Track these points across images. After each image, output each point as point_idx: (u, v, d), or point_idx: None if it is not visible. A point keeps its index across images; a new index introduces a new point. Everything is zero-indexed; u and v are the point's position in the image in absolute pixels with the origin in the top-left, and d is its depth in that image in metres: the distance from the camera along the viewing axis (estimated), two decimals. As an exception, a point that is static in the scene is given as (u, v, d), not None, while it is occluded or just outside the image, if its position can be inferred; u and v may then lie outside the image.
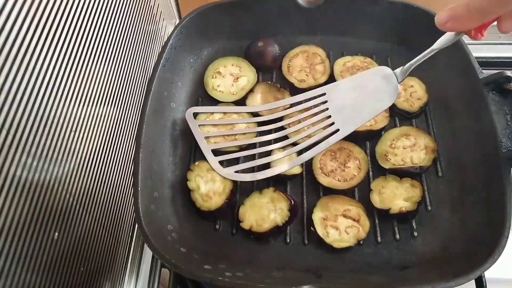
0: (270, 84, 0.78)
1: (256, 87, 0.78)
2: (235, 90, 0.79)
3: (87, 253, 0.70)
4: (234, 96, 0.78)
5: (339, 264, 0.63)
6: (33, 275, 0.55)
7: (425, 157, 0.70)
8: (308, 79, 0.79)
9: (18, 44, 0.49)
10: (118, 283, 0.83)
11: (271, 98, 0.78)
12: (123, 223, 0.86)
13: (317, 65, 0.81)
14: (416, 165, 0.69)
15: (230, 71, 0.81)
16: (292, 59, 0.82)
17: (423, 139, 0.71)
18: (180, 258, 0.60)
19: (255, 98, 0.78)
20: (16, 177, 0.51)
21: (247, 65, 0.81)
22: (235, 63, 0.82)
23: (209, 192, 0.68)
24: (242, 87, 0.79)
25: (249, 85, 0.79)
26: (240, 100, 0.78)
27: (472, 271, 0.54)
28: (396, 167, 0.69)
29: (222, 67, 0.81)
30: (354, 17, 0.82)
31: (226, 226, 0.68)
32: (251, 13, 0.83)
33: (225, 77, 0.80)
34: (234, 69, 0.81)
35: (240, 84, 0.79)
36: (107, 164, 0.76)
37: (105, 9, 0.71)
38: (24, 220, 0.53)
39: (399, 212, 0.65)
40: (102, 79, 0.71)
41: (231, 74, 0.81)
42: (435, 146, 0.70)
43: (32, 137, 0.53)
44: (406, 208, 0.65)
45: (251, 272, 0.60)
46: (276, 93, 0.78)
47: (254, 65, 0.82)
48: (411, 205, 0.65)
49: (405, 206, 0.65)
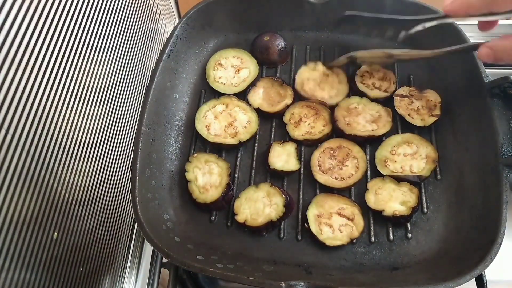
0: (273, 80, 0.78)
1: (259, 82, 0.78)
2: (237, 82, 0.79)
3: (86, 253, 0.71)
4: (236, 88, 0.78)
5: (330, 262, 0.64)
6: (32, 274, 0.56)
7: (425, 167, 0.69)
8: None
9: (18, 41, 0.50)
10: (117, 283, 0.85)
11: (273, 94, 0.78)
12: (123, 222, 0.87)
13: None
14: (415, 174, 0.68)
15: (231, 63, 0.81)
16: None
17: (425, 148, 0.70)
18: (174, 247, 0.61)
19: (257, 92, 0.78)
20: (16, 176, 0.52)
21: (248, 57, 0.81)
22: (237, 54, 0.82)
23: (206, 184, 0.69)
24: (243, 79, 0.79)
25: (250, 77, 0.79)
26: (241, 92, 0.78)
27: (462, 275, 0.54)
28: (394, 174, 0.68)
29: (224, 58, 0.81)
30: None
31: (222, 218, 0.69)
32: (258, 6, 0.83)
33: (226, 69, 0.80)
34: (236, 60, 0.81)
35: (242, 75, 0.80)
36: (107, 163, 0.77)
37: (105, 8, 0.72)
38: (23, 220, 0.54)
39: (392, 215, 0.65)
40: (101, 77, 0.72)
41: (232, 65, 0.81)
42: (437, 156, 0.69)
43: (31, 136, 0.54)
44: (400, 212, 0.65)
45: (242, 265, 0.61)
46: (278, 89, 0.78)
47: (259, 58, 0.82)
48: (406, 210, 0.65)
49: (399, 210, 0.65)
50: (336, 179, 0.69)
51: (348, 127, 0.72)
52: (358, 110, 0.74)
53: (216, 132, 0.73)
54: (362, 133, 0.72)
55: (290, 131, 0.74)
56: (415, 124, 0.72)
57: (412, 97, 0.75)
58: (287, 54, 0.83)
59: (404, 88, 0.77)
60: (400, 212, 0.65)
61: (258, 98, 0.77)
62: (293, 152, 0.72)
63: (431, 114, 0.73)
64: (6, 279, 0.51)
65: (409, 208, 0.65)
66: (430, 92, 0.75)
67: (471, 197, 0.65)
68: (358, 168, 0.70)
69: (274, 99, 0.77)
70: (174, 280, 0.67)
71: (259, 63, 0.82)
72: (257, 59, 0.82)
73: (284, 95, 0.77)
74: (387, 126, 0.72)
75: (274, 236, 0.67)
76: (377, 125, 0.73)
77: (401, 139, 0.72)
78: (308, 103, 0.76)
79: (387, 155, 0.71)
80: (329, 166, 0.70)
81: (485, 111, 0.66)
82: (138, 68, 0.88)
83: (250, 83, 0.79)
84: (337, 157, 0.71)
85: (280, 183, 0.71)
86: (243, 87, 0.78)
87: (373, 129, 0.72)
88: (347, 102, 0.75)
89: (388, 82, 0.78)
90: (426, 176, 0.68)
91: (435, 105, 0.74)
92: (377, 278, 0.60)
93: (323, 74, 0.79)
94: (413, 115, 0.74)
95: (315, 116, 0.75)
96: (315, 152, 0.72)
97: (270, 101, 0.77)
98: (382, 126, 0.73)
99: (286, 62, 0.83)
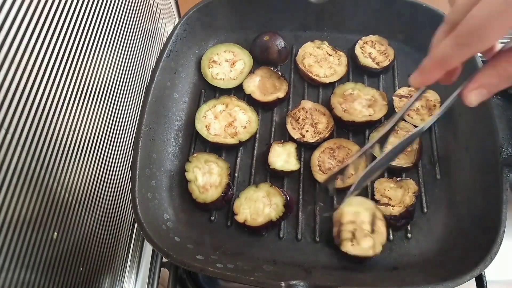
0: (271, 71, 0.79)
1: (257, 70, 0.79)
2: (235, 75, 0.79)
3: (86, 253, 0.71)
4: (236, 81, 0.79)
5: (330, 261, 0.64)
6: (32, 274, 0.56)
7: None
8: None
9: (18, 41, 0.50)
10: (117, 283, 0.84)
11: (268, 84, 0.78)
12: (123, 222, 0.87)
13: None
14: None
15: (224, 58, 0.81)
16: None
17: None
18: (173, 247, 0.61)
19: (253, 79, 0.78)
20: (16, 176, 0.51)
21: (239, 49, 0.82)
22: (227, 49, 0.82)
23: (206, 184, 0.69)
24: (240, 71, 0.80)
25: (247, 67, 0.80)
26: (242, 84, 0.79)
27: (462, 275, 0.54)
28: None
29: (216, 55, 0.81)
30: (362, 14, 0.82)
31: (221, 217, 0.69)
32: (258, 6, 0.83)
33: (221, 64, 0.81)
34: (228, 55, 0.81)
35: (238, 68, 0.80)
36: (107, 163, 0.77)
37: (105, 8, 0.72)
38: (23, 220, 0.54)
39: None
40: (101, 77, 0.72)
41: (226, 60, 0.81)
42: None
43: (31, 136, 0.54)
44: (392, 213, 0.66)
45: (242, 265, 0.61)
46: (275, 81, 0.78)
47: (259, 58, 0.82)
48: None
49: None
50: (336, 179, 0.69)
51: (346, 114, 0.73)
52: (354, 96, 0.75)
53: (216, 132, 0.73)
54: (360, 118, 0.72)
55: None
56: (415, 124, 0.72)
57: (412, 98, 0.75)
58: (287, 54, 0.83)
59: (404, 88, 0.77)
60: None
61: (253, 85, 0.78)
62: (293, 152, 0.72)
63: (430, 114, 0.73)
64: (6, 279, 0.51)
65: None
66: (430, 92, 0.75)
67: (471, 197, 0.65)
68: (358, 168, 0.69)
69: (268, 90, 0.78)
70: (174, 280, 0.67)
71: (259, 62, 0.82)
72: (257, 59, 0.82)
73: (279, 88, 0.77)
74: (384, 110, 0.73)
75: (274, 236, 0.67)
76: (373, 109, 0.74)
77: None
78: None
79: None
80: (329, 166, 0.70)
81: (485, 111, 0.66)
82: (138, 68, 0.88)
83: (248, 74, 0.79)
84: (337, 157, 0.71)
85: (280, 183, 0.71)
86: (242, 79, 0.79)
87: (370, 114, 0.73)
88: (342, 88, 0.76)
89: (385, 57, 0.79)
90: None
91: (434, 105, 0.74)
92: (377, 278, 0.60)
93: (326, 53, 0.81)
94: (412, 115, 0.74)
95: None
96: (315, 152, 0.72)
97: (263, 90, 0.78)
98: (379, 110, 0.74)
99: (286, 62, 0.83)
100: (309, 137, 0.73)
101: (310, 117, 0.75)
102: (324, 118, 0.75)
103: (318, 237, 0.66)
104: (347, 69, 0.80)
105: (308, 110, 0.75)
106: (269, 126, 0.76)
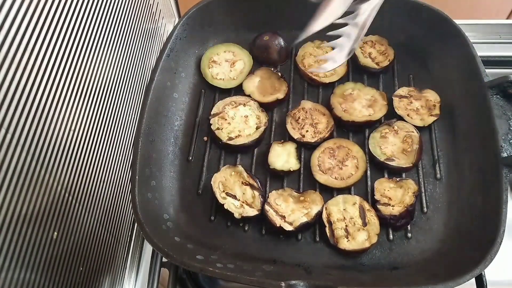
0: (271, 71, 0.79)
1: (257, 71, 0.79)
2: (235, 75, 0.79)
3: (86, 253, 0.71)
4: (236, 81, 0.79)
5: (330, 261, 0.64)
6: (32, 274, 0.56)
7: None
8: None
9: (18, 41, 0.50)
10: (117, 282, 0.84)
11: (268, 85, 0.78)
12: (123, 222, 0.87)
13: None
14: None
15: (224, 58, 0.81)
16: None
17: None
18: (173, 247, 0.61)
19: (253, 80, 0.78)
20: (15, 176, 0.51)
21: (239, 49, 0.82)
22: (227, 49, 0.82)
23: None
24: (240, 71, 0.80)
25: (247, 67, 0.80)
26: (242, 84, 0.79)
27: (462, 275, 0.54)
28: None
29: (215, 55, 0.81)
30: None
31: (221, 218, 0.69)
32: (258, 6, 0.83)
33: (221, 64, 0.81)
34: (228, 55, 0.82)
35: (238, 68, 0.80)
36: (107, 163, 0.77)
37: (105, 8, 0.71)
38: (23, 219, 0.53)
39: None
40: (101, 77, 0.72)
41: (226, 60, 0.81)
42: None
43: (31, 136, 0.54)
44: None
45: (242, 264, 0.61)
46: (275, 81, 0.78)
47: (259, 58, 0.82)
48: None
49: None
50: (336, 179, 0.69)
51: (346, 114, 0.73)
52: (353, 96, 0.75)
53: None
54: (359, 118, 0.72)
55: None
56: (415, 124, 0.73)
57: (411, 98, 0.75)
58: (287, 54, 0.83)
59: (403, 88, 0.77)
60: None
61: (252, 86, 0.78)
62: (293, 152, 0.72)
63: (430, 114, 0.73)
64: (6, 278, 0.51)
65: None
66: (430, 92, 0.75)
67: (471, 197, 0.65)
68: (358, 168, 0.70)
69: (267, 91, 0.78)
70: (174, 280, 0.67)
71: (259, 62, 0.82)
72: (257, 59, 0.82)
73: (279, 89, 0.77)
74: (383, 110, 0.73)
75: (274, 236, 0.67)
76: (373, 109, 0.74)
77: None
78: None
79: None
80: (329, 166, 0.70)
81: (485, 111, 0.66)
82: (138, 68, 0.88)
83: (248, 74, 0.79)
84: (337, 157, 0.71)
85: (280, 183, 0.71)
86: (242, 79, 0.79)
87: (369, 114, 0.73)
88: (342, 88, 0.76)
89: (384, 57, 0.79)
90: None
91: (434, 105, 0.74)
92: (377, 277, 0.60)
93: (326, 53, 0.81)
94: (412, 115, 0.74)
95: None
96: (315, 152, 0.72)
97: (263, 91, 0.78)
98: (378, 110, 0.74)
99: (286, 62, 0.83)
100: (309, 137, 0.73)
101: (310, 117, 0.75)
102: (324, 118, 0.75)
103: (318, 237, 0.66)
104: (347, 69, 0.80)
105: (308, 110, 0.75)
106: (269, 126, 0.76)
